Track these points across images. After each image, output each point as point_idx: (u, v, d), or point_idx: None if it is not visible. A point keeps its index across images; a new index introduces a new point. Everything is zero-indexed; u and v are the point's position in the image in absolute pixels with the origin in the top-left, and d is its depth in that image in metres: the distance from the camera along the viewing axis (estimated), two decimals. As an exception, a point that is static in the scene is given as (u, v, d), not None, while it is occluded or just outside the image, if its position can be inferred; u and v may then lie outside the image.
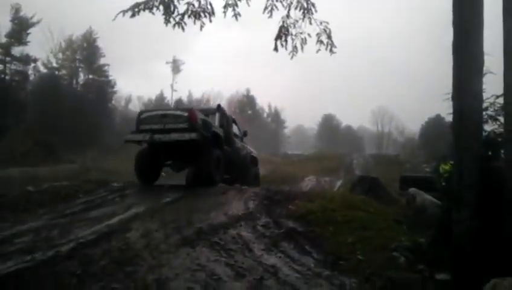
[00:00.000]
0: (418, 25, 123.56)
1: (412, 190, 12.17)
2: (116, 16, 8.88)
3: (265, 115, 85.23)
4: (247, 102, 79.26)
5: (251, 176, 15.60)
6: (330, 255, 6.81)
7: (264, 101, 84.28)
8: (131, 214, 9.09)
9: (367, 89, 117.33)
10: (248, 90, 79.25)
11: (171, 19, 9.24)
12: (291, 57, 9.88)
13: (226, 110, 16.32)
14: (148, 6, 8.88)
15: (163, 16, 9.16)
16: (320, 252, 6.98)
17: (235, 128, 15.71)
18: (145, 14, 9.02)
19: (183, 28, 9.33)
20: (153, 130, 12.18)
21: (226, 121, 14.68)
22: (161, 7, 9.06)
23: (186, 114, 12.29)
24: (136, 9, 8.80)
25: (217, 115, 14.27)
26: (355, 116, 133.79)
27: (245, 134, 17.08)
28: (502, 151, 7.23)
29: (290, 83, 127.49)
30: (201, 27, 9.58)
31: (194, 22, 9.49)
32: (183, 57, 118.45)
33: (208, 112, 14.39)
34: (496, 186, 6.56)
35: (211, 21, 9.58)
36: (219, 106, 15.20)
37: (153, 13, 8.97)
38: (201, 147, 12.16)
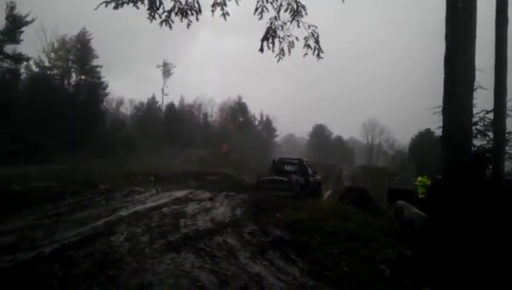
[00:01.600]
0: (412, 38, 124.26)
1: (400, 202, 12.17)
2: (98, 6, 8.67)
3: (256, 122, 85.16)
4: (239, 109, 79.20)
5: (317, 194, 21.56)
6: (316, 265, 6.76)
7: (256, 109, 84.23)
8: (116, 217, 8.99)
9: (359, 100, 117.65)
10: (240, 98, 79.24)
11: (157, 15, 9.17)
12: (278, 60, 9.84)
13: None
14: (133, 0, 8.80)
15: (148, 12, 9.08)
16: (306, 261, 6.92)
17: (309, 169, 21.91)
18: (140, 15, 8.96)
19: (170, 26, 9.26)
20: (268, 188, 18.10)
21: (304, 168, 21.14)
22: (146, 1, 8.97)
23: (286, 179, 18.53)
24: (120, 1, 8.67)
25: (299, 166, 21.08)
26: (346, 127, 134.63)
27: (315, 172, 23.13)
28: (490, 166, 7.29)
29: (282, 92, 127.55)
30: (188, 25, 9.53)
31: (181, 20, 9.43)
32: (177, 62, 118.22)
33: (293, 161, 21.96)
34: (484, 202, 6.59)
35: (197, 19, 9.55)
36: (300, 159, 22.26)
37: (137, 7, 8.84)
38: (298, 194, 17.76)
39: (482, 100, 7.30)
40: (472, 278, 5.86)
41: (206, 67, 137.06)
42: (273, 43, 9.75)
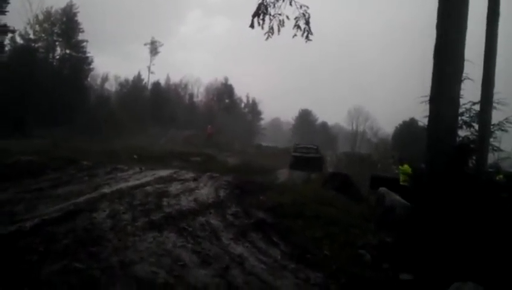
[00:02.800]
0: (404, 28, 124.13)
1: (382, 189, 12.27)
2: None
3: (242, 105, 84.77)
4: (225, 90, 78.66)
5: (322, 167, 29.55)
6: (297, 248, 6.82)
7: (242, 91, 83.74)
8: (99, 194, 8.93)
9: (345, 87, 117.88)
10: (226, 79, 78.57)
11: None
12: (266, 38, 9.77)
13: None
14: None
15: None
16: (288, 244, 6.98)
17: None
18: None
19: None
20: (302, 151, 29.00)
21: (318, 150, 31.25)
22: None
23: (315, 147, 30.64)
24: None
25: (316, 148, 31.08)
26: (331, 113, 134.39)
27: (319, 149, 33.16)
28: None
29: (269, 76, 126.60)
30: None
31: None
32: (164, 41, 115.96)
33: (313, 147, 31.65)
34: (465, 192, 6.67)
35: None
36: (317, 146, 32.35)
37: None
38: (317, 160, 28.22)
39: (469, 91, 7.35)
40: (451, 265, 5.96)
41: (193, 48, 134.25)
42: (263, 20, 9.66)
